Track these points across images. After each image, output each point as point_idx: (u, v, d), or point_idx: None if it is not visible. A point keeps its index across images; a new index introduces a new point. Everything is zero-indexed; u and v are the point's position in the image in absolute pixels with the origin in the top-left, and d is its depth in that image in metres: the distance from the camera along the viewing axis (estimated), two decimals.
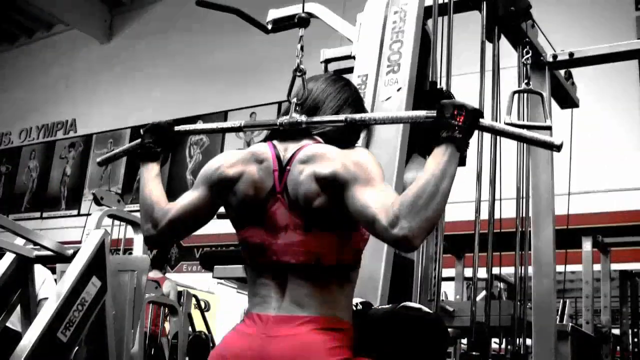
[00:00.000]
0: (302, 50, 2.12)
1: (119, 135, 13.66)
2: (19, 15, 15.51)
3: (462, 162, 2.13)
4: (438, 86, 3.10)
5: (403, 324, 1.89)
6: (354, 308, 1.95)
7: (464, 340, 4.86)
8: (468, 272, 6.50)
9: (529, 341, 4.05)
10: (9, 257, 4.18)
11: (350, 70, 3.48)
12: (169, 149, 2.22)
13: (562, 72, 4.61)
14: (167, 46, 13.28)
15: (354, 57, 3.69)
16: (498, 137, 3.57)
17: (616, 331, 7.04)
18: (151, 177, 2.14)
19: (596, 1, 9.31)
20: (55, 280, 4.61)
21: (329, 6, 4.44)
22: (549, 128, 3.47)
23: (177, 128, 2.21)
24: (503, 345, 4.17)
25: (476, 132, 1.80)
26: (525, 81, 3.62)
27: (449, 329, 3.59)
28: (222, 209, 2.02)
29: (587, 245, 6.26)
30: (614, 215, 8.14)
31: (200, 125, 2.29)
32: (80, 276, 3.84)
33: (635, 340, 7.12)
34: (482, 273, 3.58)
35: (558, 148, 1.73)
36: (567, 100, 4.74)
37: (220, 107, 11.79)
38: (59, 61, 15.17)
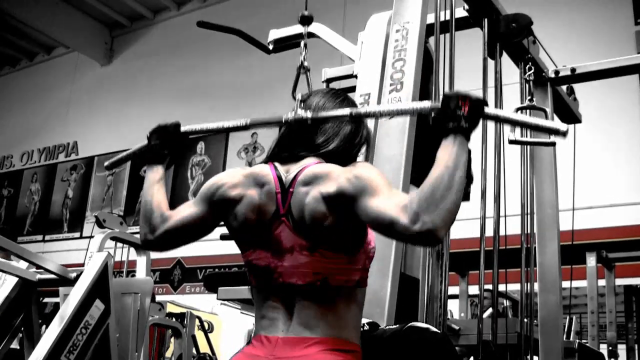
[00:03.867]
0: (305, 48, 2.13)
1: None
2: (19, 39, 15.55)
3: (466, 197, 2.11)
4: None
5: (411, 344, 1.88)
6: (361, 329, 1.93)
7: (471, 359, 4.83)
8: (472, 290, 6.48)
9: (535, 359, 4.03)
10: (12, 281, 4.17)
11: (352, 89, 3.47)
12: (176, 151, 2.21)
13: (564, 88, 4.61)
14: (168, 67, 13.30)
15: (355, 76, 3.69)
16: (502, 154, 3.56)
17: (622, 347, 7.00)
18: (155, 179, 2.14)
19: (595, 16, 9.33)
20: (59, 303, 4.59)
21: (328, 25, 4.45)
22: (553, 144, 3.48)
23: (183, 129, 2.20)
24: None
25: (480, 147, 1.80)
26: (529, 97, 3.62)
27: (456, 348, 3.56)
28: (226, 230, 2.01)
29: (591, 260, 6.24)
30: (618, 230, 8.12)
31: (206, 125, 2.26)
32: (84, 299, 3.83)
33: None
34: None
35: (564, 134, 1.71)
36: (570, 115, 4.73)
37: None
38: (59, 84, 15.19)
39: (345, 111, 1.93)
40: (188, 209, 2.01)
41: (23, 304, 4.20)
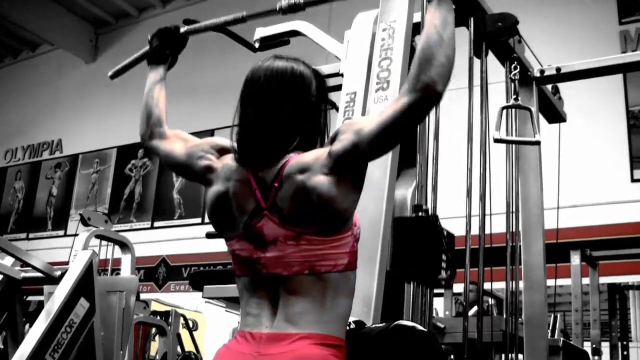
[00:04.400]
0: None
1: (105, 155, 13.62)
2: (3, 36, 15.46)
3: (448, 286, 2.11)
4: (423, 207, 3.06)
5: (398, 343, 1.88)
6: (347, 327, 1.93)
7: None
8: (457, 288, 6.50)
9: (520, 357, 4.04)
10: None
11: (338, 87, 3.47)
12: (177, 51, 2.42)
13: (549, 87, 4.63)
14: None
15: (341, 75, 3.69)
16: (488, 153, 3.57)
17: (606, 345, 7.04)
18: (157, 79, 2.33)
19: (580, 16, 9.37)
20: (42, 301, 4.57)
21: (314, 23, 4.45)
22: (538, 143, 3.49)
23: (182, 30, 2.39)
24: None
25: (465, 147, 1.83)
26: (514, 97, 3.63)
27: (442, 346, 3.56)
28: (212, 229, 2.01)
29: (575, 259, 6.28)
30: (602, 228, 8.16)
31: (204, 23, 2.46)
32: (69, 297, 3.82)
33: (625, 353, 7.13)
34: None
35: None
36: (555, 114, 4.75)
37: (207, 125, 11.76)
38: (44, 81, 15.12)
39: None
40: (178, 149, 2.14)
41: (7, 303, 4.19)
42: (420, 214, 2.90)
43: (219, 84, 11.94)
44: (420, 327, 1.98)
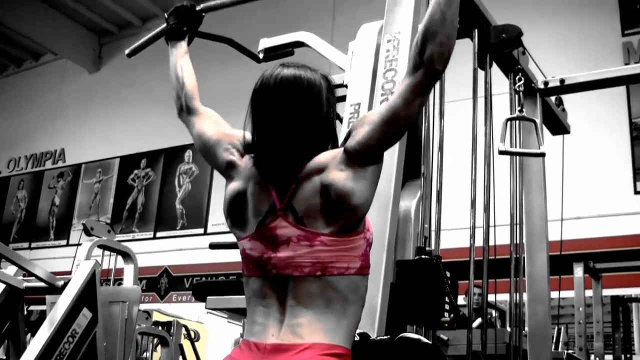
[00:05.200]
0: None
1: (107, 165, 13.63)
2: (7, 45, 15.51)
3: (451, 327, 2.11)
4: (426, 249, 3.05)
5: (403, 355, 1.87)
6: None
7: None
8: (460, 300, 6.48)
9: None
10: None
11: (342, 98, 3.46)
12: (195, 27, 2.49)
13: (552, 98, 4.62)
14: (156, 75, 13.24)
15: (345, 86, 3.68)
16: (492, 165, 3.56)
17: (609, 357, 7.02)
18: (181, 53, 2.41)
19: (583, 28, 9.39)
20: (44, 311, 4.56)
21: (317, 34, 4.45)
22: (543, 155, 3.48)
23: (198, 7, 2.44)
24: None
25: (469, 159, 1.84)
26: (519, 108, 3.62)
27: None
28: (215, 239, 2.01)
29: (578, 271, 6.27)
30: (605, 240, 8.15)
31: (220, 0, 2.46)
32: (71, 308, 3.82)
33: None
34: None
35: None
36: (559, 126, 4.74)
37: None
38: (47, 91, 15.15)
39: None
40: (209, 132, 2.14)
41: (9, 312, 4.18)
42: (423, 256, 2.88)
43: (222, 95, 11.92)
44: (425, 340, 1.97)
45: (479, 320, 5.13)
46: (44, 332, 3.66)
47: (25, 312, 4.95)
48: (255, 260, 1.88)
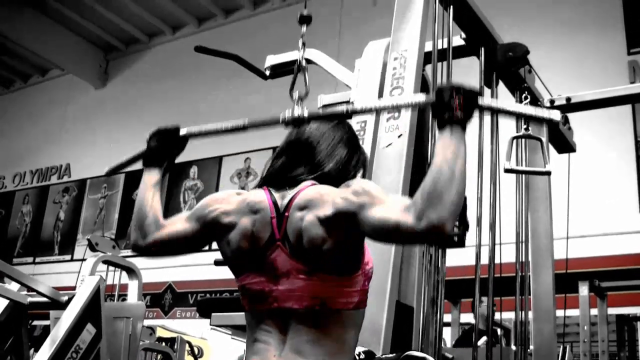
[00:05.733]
0: (304, 46, 2.19)
1: (113, 180, 13.63)
2: (13, 60, 15.57)
3: (461, 243, 2.07)
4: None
5: None
6: (357, 357, 1.91)
7: None
8: (464, 318, 6.46)
9: None
10: (2, 303, 4.13)
11: (348, 116, 3.47)
12: (174, 154, 2.20)
13: None
14: (162, 91, 13.32)
15: (352, 103, 3.69)
16: (498, 183, 3.56)
17: None
18: (151, 183, 2.11)
19: (589, 46, 9.39)
20: (48, 326, 4.55)
21: (324, 52, 4.46)
22: (549, 173, 3.48)
23: (182, 132, 2.19)
24: None
25: (475, 177, 1.81)
26: (525, 126, 3.62)
27: None
28: (220, 256, 1.99)
29: (584, 289, 6.23)
30: (610, 259, 8.12)
31: (205, 127, 2.25)
32: (75, 323, 3.81)
33: None
34: (470, 318, 3.55)
35: (557, 123, 1.73)
36: (565, 145, 4.74)
37: (215, 152, 11.80)
38: (53, 106, 15.18)
39: (341, 108, 1.94)
40: (181, 224, 1.99)
41: (13, 328, 4.17)
42: None
43: (228, 111, 11.96)
44: (430, 358, 1.96)
45: (484, 339, 5.11)
46: (48, 348, 3.65)
47: (29, 327, 4.95)
48: (256, 294, 1.85)
